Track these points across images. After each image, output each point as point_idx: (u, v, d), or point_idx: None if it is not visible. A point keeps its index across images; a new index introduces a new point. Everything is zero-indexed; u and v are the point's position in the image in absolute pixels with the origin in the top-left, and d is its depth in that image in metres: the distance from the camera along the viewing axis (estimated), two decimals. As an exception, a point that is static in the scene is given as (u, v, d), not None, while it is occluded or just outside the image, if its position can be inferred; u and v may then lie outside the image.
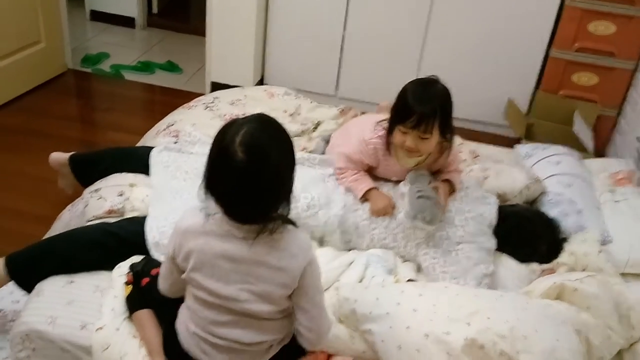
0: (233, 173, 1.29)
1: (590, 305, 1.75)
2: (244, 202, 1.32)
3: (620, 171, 2.48)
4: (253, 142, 1.28)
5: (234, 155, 1.27)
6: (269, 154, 1.29)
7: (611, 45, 3.28)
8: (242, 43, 3.65)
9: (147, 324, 1.61)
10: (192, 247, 1.40)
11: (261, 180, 1.29)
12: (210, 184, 1.34)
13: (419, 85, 1.93)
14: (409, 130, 1.89)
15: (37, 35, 3.56)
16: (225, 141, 1.29)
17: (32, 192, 2.77)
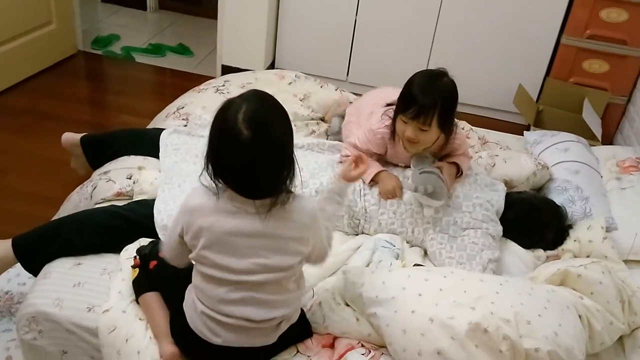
0: (241, 151, 1.30)
1: (593, 291, 1.76)
2: (254, 178, 1.34)
3: (628, 159, 2.48)
4: (256, 118, 1.30)
5: (240, 134, 1.28)
6: (272, 128, 1.32)
7: (623, 32, 3.26)
8: (253, 27, 3.65)
9: (154, 307, 1.62)
10: (201, 225, 1.40)
11: (268, 154, 1.32)
12: (217, 166, 1.35)
13: (424, 76, 1.94)
14: (409, 120, 1.90)
15: (47, 16, 3.57)
16: (228, 121, 1.30)
17: (42, 174, 2.79)
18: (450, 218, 1.97)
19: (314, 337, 1.65)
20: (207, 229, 1.40)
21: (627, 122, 3.39)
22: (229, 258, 1.40)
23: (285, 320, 1.53)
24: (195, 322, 1.50)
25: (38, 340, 1.69)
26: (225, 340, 1.48)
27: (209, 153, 1.35)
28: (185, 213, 1.43)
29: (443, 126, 1.92)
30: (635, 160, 2.46)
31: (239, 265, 1.40)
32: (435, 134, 1.93)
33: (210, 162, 1.35)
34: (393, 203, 2.01)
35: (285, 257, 1.42)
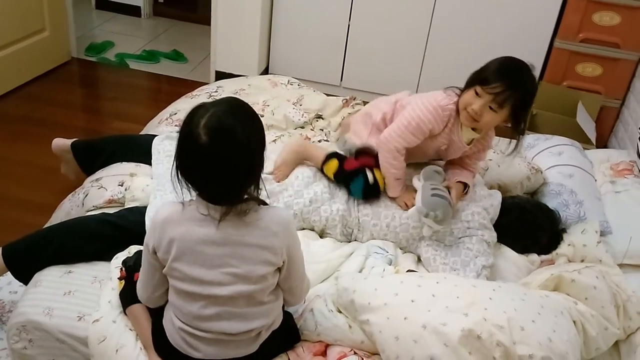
0: (198, 156, 1.31)
1: (587, 296, 1.76)
2: (212, 183, 1.34)
3: (622, 162, 2.48)
4: (218, 125, 1.29)
5: (198, 139, 1.29)
6: (234, 137, 1.30)
7: (616, 36, 3.26)
8: (247, 33, 3.65)
9: (141, 319, 1.61)
10: (172, 236, 1.40)
11: (226, 163, 1.31)
12: (180, 167, 1.36)
13: (514, 62, 1.88)
14: (485, 94, 1.84)
15: (41, 23, 3.57)
16: (192, 124, 1.31)
17: (35, 181, 2.78)
18: (447, 229, 1.96)
19: (305, 345, 1.64)
20: (178, 239, 1.39)
21: (621, 125, 3.40)
22: (199, 269, 1.39)
23: (265, 329, 1.52)
24: (174, 338, 1.50)
25: (28, 349, 1.68)
26: (205, 354, 1.47)
27: (175, 154, 1.36)
28: (156, 228, 1.42)
29: (514, 115, 1.88)
30: (629, 164, 2.46)
31: (209, 276, 1.40)
32: (500, 119, 1.89)
33: (176, 163, 1.36)
34: (387, 215, 2.00)
35: (254, 266, 1.40)
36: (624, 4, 3.18)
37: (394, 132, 1.96)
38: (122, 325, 1.64)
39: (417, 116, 1.94)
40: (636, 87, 3.29)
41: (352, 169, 1.99)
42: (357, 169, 1.99)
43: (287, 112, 2.54)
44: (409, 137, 1.95)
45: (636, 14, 3.18)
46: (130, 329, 1.63)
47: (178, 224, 1.40)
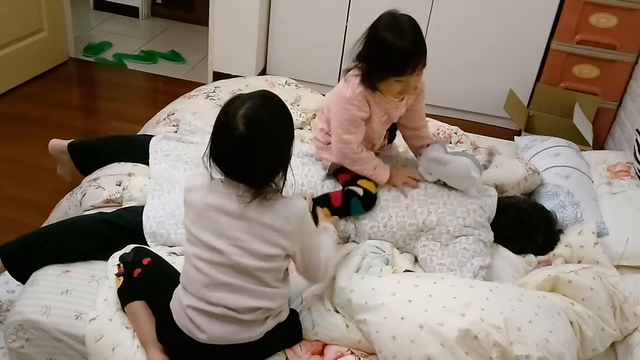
0: (234, 144, 1.38)
1: (584, 297, 1.76)
2: (243, 170, 1.42)
3: (618, 163, 2.48)
4: (254, 117, 1.38)
5: (235, 128, 1.37)
6: (268, 129, 1.39)
7: (612, 37, 3.27)
8: (245, 33, 3.66)
9: (140, 316, 1.62)
10: (193, 200, 1.48)
11: (259, 152, 1.39)
12: (213, 153, 1.43)
13: (393, 25, 1.82)
14: (405, 77, 1.83)
15: (39, 23, 3.57)
16: (229, 114, 1.39)
17: (32, 180, 2.79)
18: (443, 227, 1.96)
19: (303, 344, 1.65)
20: (195, 203, 1.48)
21: (618, 126, 3.41)
22: (210, 235, 1.45)
23: (271, 316, 1.53)
24: (181, 319, 1.51)
25: (26, 348, 1.69)
26: (210, 335, 1.48)
27: (210, 138, 1.43)
28: (184, 193, 1.52)
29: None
30: (626, 165, 2.46)
31: (218, 244, 1.45)
32: (422, 72, 1.88)
33: (209, 146, 1.43)
34: (384, 216, 2.00)
35: (264, 245, 1.45)
36: (620, 5, 3.19)
37: (339, 140, 1.97)
38: (119, 323, 1.64)
39: (342, 118, 1.93)
40: (633, 88, 3.30)
41: (341, 200, 1.98)
42: (344, 196, 1.98)
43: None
44: (353, 134, 1.94)
45: (633, 15, 3.20)
46: (127, 327, 1.63)
47: (199, 190, 1.48)
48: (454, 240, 1.95)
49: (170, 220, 1.92)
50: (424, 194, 2.03)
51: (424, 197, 2.01)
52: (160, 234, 1.90)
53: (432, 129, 2.62)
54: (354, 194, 1.98)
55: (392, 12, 1.85)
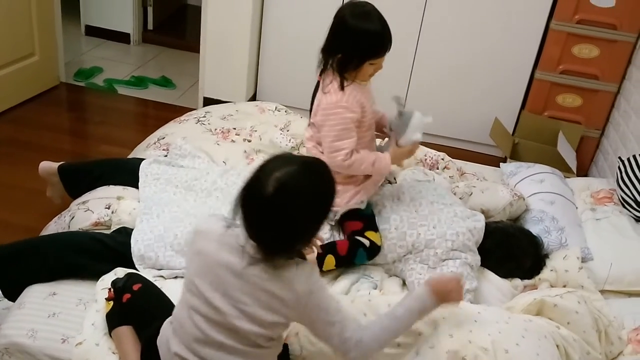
0: (258, 201, 1.31)
1: (570, 321, 1.78)
2: (258, 229, 1.34)
3: (602, 190, 2.52)
4: (287, 183, 1.30)
5: (264, 187, 1.29)
6: (297, 199, 1.31)
7: (595, 68, 3.35)
8: (235, 60, 3.70)
9: (125, 341, 1.60)
10: (203, 249, 1.41)
11: (279, 219, 1.31)
12: (240, 203, 1.35)
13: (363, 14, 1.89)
14: (381, 58, 1.92)
15: (31, 48, 3.59)
16: (265, 170, 1.32)
17: (21, 204, 2.77)
18: (431, 250, 1.98)
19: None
20: (204, 253, 1.40)
21: (601, 154, 3.47)
22: (213, 292, 1.38)
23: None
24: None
25: (11, 371, 1.67)
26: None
27: (243, 184, 1.36)
28: (194, 233, 1.45)
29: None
30: (610, 192, 2.51)
31: (219, 302, 1.38)
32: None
33: (238, 196, 1.36)
34: None
35: (266, 312, 1.38)
36: (602, 37, 3.27)
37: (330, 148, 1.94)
38: (105, 348, 1.63)
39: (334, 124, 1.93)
40: (615, 117, 3.37)
41: (347, 249, 1.97)
42: (351, 246, 1.97)
43: (274, 138, 2.57)
44: (345, 140, 1.93)
45: (614, 47, 3.28)
46: (114, 353, 1.62)
47: (211, 240, 1.41)
48: (441, 263, 1.97)
49: (159, 243, 1.93)
50: (415, 216, 2.05)
51: (415, 219, 2.04)
52: (149, 256, 1.91)
53: (419, 154, 2.66)
54: (361, 244, 1.97)
55: (354, 1, 1.93)
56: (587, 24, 3.25)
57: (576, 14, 3.25)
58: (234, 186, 2.13)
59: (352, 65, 1.90)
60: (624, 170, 2.43)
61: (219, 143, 2.52)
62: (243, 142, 2.56)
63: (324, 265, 1.94)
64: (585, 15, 3.24)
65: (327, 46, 1.93)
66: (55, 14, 3.72)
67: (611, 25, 3.23)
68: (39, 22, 3.58)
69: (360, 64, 1.91)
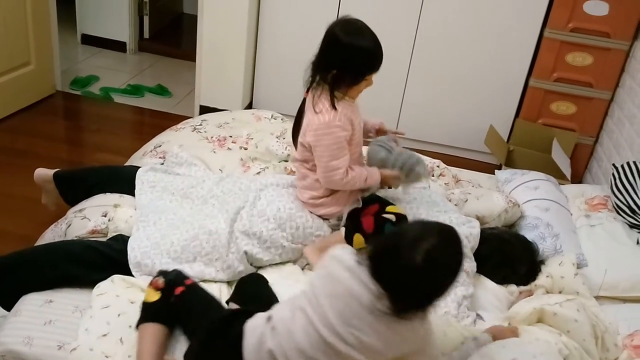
0: (403, 269, 1.33)
1: (569, 329, 1.79)
2: (397, 291, 1.37)
3: (596, 197, 2.53)
4: (436, 257, 1.33)
5: (412, 257, 1.31)
6: (442, 271, 1.35)
7: (588, 75, 3.37)
8: (231, 68, 3.71)
9: (150, 339, 1.59)
10: (333, 272, 1.43)
11: (422, 289, 1.35)
12: (378, 267, 1.38)
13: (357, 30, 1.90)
14: (373, 74, 1.94)
15: (27, 56, 3.59)
16: (408, 239, 1.34)
17: (17, 212, 2.77)
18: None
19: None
20: (336, 278, 1.42)
21: (595, 161, 3.49)
22: (337, 317, 1.40)
23: None
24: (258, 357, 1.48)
25: (7, 379, 1.66)
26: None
27: (378, 243, 1.41)
28: (329, 258, 1.48)
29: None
30: (604, 198, 2.52)
31: (342, 329, 1.40)
32: None
33: (376, 244, 1.40)
34: None
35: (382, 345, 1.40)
36: (596, 45, 3.29)
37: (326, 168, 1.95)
38: (99, 352, 1.62)
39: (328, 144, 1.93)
40: (609, 125, 3.40)
41: (373, 225, 1.98)
42: (377, 222, 1.98)
43: (270, 145, 2.58)
44: (341, 159, 1.94)
45: (607, 54, 3.30)
46: (107, 357, 1.61)
47: (345, 269, 1.42)
48: None
49: (155, 250, 1.93)
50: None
51: None
52: (145, 264, 1.91)
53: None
54: (387, 220, 1.98)
55: (344, 18, 1.93)
56: (581, 32, 3.28)
57: (570, 22, 3.27)
58: (230, 194, 2.13)
59: (346, 82, 1.92)
60: (617, 177, 2.44)
61: (215, 151, 2.52)
62: (239, 150, 2.57)
63: (354, 244, 1.95)
64: (579, 24, 3.26)
65: (319, 62, 1.94)
66: (51, 22, 3.73)
67: (605, 34, 3.25)
68: (35, 31, 3.59)
69: (355, 80, 1.92)
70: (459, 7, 3.44)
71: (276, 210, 2.03)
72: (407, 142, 3.72)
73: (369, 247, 1.42)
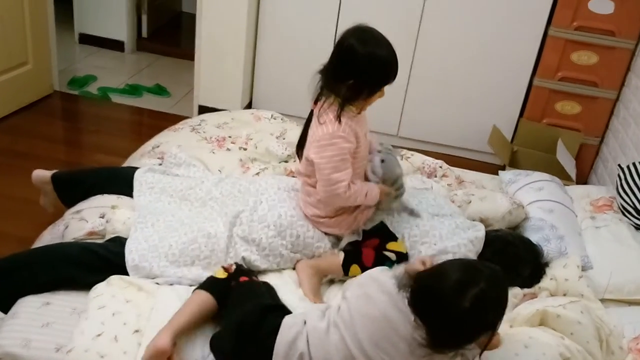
0: (448, 311, 1.36)
1: (573, 332, 1.76)
2: (439, 330, 1.39)
3: (601, 198, 2.51)
4: (485, 303, 1.35)
5: (459, 302, 1.33)
6: (486, 316, 1.37)
7: (593, 74, 3.34)
8: (230, 68, 3.68)
9: (196, 303, 1.67)
10: (371, 294, 1.48)
11: (467, 332, 1.38)
12: (422, 307, 1.40)
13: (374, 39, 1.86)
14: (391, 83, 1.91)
15: (24, 56, 3.57)
16: (458, 283, 1.36)
17: (15, 213, 2.75)
18: None
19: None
20: (372, 300, 1.47)
21: (600, 162, 3.45)
22: (369, 339, 1.44)
23: None
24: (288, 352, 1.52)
25: (4, 382, 1.66)
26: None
27: (426, 277, 1.43)
28: (367, 276, 1.55)
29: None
30: (609, 200, 2.49)
31: (373, 352, 1.44)
32: None
33: (419, 282, 1.42)
34: None
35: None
36: (601, 44, 3.26)
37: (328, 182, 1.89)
38: (94, 352, 1.61)
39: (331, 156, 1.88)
40: (614, 125, 3.36)
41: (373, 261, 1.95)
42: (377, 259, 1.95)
43: (269, 146, 2.55)
44: (343, 171, 1.89)
45: (613, 53, 3.27)
46: (102, 357, 1.61)
47: (384, 292, 1.47)
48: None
49: (153, 253, 1.90)
50: (416, 233, 2.04)
51: (416, 237, 2.02)
52: (143, 266, 1.88)
53: (417, 162, 2.63)
54: (387, 258, 1.95)
55: (358, 27, 1.88)
56: (586, 30, 3.25)
57: (574, 20, 3.24)
58: (229, 196, 2.11)
59: (361, 94, 1.86)
60: (623, 177, 2.41)
61: (214, 151, 2.49)
62: (239, 150, 2.54)
63: (350, 272, 1.95)
64: (584, 22, 3.23)
65: (332, 73, 1.88)
66: (48, 22, 3.70)
67: (610, 32, 3.22)
68: (33, 31, 3.56)
69: (371, 91, 1.88)
70: (461, 6, 3.41)
71: (277, 216, 1.99)
72: (410, 142, 3.70)
73: (411, 281, 1.43)
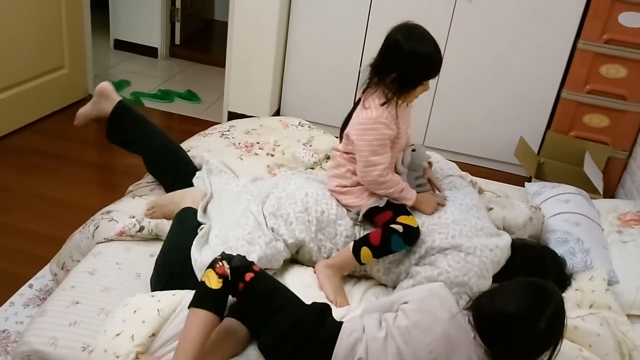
0: (523, 332, 1.41)
1: (591, 343, 1.75)
2: (506, 351, 1.46)
3: (629, 212, 2.47)
4: (559, 322, 1.43)
5: (536, 323, 1.39)
6: (560, 330, 1.43)
7: (622, 88, 3.31)
8: (260, 75, 3.73)
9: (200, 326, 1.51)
10: (432, 309, 1.53)
11: (537, 351, 1.43)
12: (484, 322, 1.47)
13: (419, 36, 1.93)
14: (434, 78, 1.98)
15: (60, 60, 3.66)
16: (540, 302, 1.42)
17: (45, 213, 2.80)
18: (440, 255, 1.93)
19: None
20: (433, 315, 1.52)
21: (628, 176, 3.41)
22: (427, 356, 1.47)
23: None
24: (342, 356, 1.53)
25: (31, 379, 1.67)
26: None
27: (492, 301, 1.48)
28: (429, 291, 1.59)
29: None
30: (637, 214, 2.45)
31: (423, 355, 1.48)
32: None
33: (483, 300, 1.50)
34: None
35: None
36: (630, 57, 3.23)
37: (366, 163, 1.95)
38: (111, 353, 1.60)
39: (371, 139, 1.94)
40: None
41: (380, 238, 1.94)
42: (384, 234, 1.94)
43: (296, 152, 2.58)
44: (382, 156, 1.94)
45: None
46: (117, 357, 1.59)
47: (445, 309, 1.52)
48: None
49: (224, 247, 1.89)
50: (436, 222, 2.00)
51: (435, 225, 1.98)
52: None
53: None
54: (394, 230, 1.94)
55: (406, 24, 1.94)
56: (616, 43, 3.22)
57: (604, 33, 3.22)
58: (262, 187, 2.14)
59: (403, 86, 1.93)
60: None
61: (242, 157, 2.53)
62: (266, 156, 2.57)
63: (362, 258, 1.93)
64: (614, 35, 3.21)
65: (378, 65, 1.95)
66: (85, 27, 3.80)
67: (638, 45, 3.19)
68: (69, 36, 3.66)
69: (413, 85, 1.94)
70: (490, 17, 3.41)
71: (304, 194, 2.04)
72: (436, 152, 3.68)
73: (473, 304, 1.50)
